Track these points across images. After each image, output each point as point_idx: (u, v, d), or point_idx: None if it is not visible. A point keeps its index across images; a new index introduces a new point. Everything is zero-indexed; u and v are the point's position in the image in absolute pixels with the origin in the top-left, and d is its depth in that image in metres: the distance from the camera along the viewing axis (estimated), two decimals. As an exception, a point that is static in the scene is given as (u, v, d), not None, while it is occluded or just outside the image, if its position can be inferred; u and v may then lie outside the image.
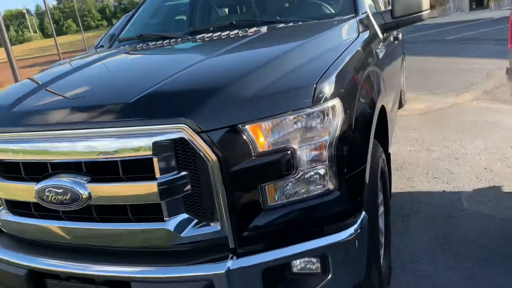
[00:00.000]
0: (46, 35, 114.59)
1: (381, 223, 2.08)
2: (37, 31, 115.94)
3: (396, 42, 3.25)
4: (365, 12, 2.36)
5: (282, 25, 2.29)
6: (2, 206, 1.69)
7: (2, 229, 1.71)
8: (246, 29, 2.25)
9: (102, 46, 7.84)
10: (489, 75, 6.73)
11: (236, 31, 2.24)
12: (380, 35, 2.41)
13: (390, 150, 2.57)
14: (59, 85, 1.77)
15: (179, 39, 2.38)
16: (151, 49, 2.30)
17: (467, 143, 3.90)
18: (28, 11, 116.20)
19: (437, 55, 9.98)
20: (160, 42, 2.41)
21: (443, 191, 3.05)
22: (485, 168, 3.32)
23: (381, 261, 1.90)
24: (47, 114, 1.51)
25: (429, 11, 2.46)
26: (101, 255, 1.49)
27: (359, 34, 2.04)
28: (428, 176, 3.31)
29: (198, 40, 2.29)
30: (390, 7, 2.43)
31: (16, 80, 10.10)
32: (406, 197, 3.01)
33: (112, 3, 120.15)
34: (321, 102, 1.37)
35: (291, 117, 1.35)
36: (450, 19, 20.44)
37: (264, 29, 2.22)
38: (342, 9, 2.41)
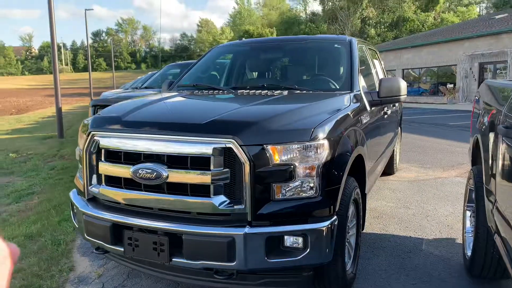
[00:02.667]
0: (76, 69, 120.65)
1: (352, 240, 2.89)
2: (69, 64, 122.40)
3: (385, 116, 4.19)
4: (358, 90, 3.32)
5: (298, 91, 3.26)
6: (97, 182, 2.56)
7: (97, 197, 2.57)
8: (273, 91, 3.22)
9: (136, 88, 9.10)
10: (476, 159, 7.60)
11: (266, 91, 3.21)
12: (368, 108, 3.34)
13: (367, 192, 3.40)
14: (151, 108, 2.72)
15: (226, 91, 3.38)
16: (207, 95, 3.28)
17: (440, 207, 4.70)
18: (64, 45, 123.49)
19: (436, 136, 10.96)
20: (212, 91, 3.40)
21: (410, 236, 3.82)
22: (447, 226, 4.10)
23: (348, 266, 2.70)
24: (146, 123, 2.43)
25: (405, 96, 3.41)
26: (162, 216, 2.33)
27: (350, 104, 2.97)
28: (400, 226, 4.10)
29: (239, 94, 3.27)
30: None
31: (58, 104, 11.27)
32: (378, 236, 3.79)
33: (144, 48, 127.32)
34: (315, 139, 2.26)
35: (296, 146, 2.23)
36: (457, 107, 21.77)
37: (285, 92, 3.19)
38: (342, 86, 3.38)
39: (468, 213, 3.39)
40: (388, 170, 6.17)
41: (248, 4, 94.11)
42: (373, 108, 3.50)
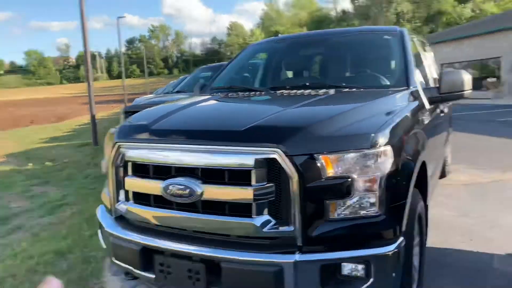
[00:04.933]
0: (111, 76, 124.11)
1: (416, 262, 2.46)
2: (104, 71, 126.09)
3: (442, 114, 3.72)
4: (416, 86, 2.89)
5: (346, 90, 2.87)
6: (124, 199, 2.28)
7: (125, 216, 2.28)
8: (317, 90, 2.84)
9: (168, 93, 8.94)
10: (537, 158, 6.89)
11: (309, 91, 2.84)
12: (427, 106, 2.91)
13: (429, 204, 2.96)
14: (182, 114, 2.41)
15: (263, 92, 3.02)
16: (243, 98, 2.94)
17: (505, 215, 4.15)
18: (99, 53, 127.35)
19: (487, 134, 10.17)
20: (248, 93, 3.06)
21: (477, 251, 3.33)
22: (519, 238, 3.57)
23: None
24: (177, 132, 2.12)
25: (471, 91, 2.95)
26: (197, 239, 2.01)
27: (408, 103, 2.56)
28: (463, 237, 3.61)
29: (278, 94, 2.91)
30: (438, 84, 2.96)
31: (92, 111, 11.34)
32: (440, 251, 3.32)
33: (175, 53, 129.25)
34: (376, 146, 1.87)
35: (353, 154, 1.85)
36: (503, 102, 20.47)
37: (332, 91, 2.80)
38: (397, 82, 2.95)
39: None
40: (440, 173, 5.65)
41: (276, 5, 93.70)
42: (431, 106, 3.06)
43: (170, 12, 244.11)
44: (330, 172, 1.84)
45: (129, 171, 2.20)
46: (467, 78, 2.91)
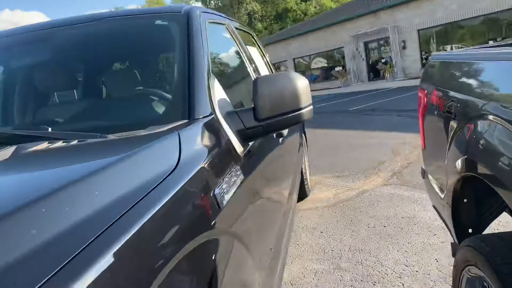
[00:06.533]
0: None
1: None
2: None
3: (280, 140, 2.40)
4: (211, 114, 1.43)
5: (43, 146, 1.24)
6: None
7: None
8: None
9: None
10: (395, 152, 6.35)
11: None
12: (239, 149, 1.48)
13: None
14: None
15: None
16: None
17: (384, 255, 3.08)
18: None
19: (342, 128, 9.78)
20: None
21: None
22: (415, 300, 2.46)
23: None
24: None
25: (311, 108, 1.62)
26: None
27: (177, 165, 1.06)
28: (339, 322, 2.35)
29: None
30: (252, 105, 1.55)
31: None
32: None
33: None
34: None
35: None
36: (351, 89, 21.60)
37: (10, 150, 1.16)
38: (168, 110, 1.46)
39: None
40: (300, 194, 4.51)
41: None
42: (248, 147, 1.64)
43: None
44: None
45: None
46: (302, 84, 1.58)
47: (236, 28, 2.77)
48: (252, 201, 1.50)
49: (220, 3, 56.95)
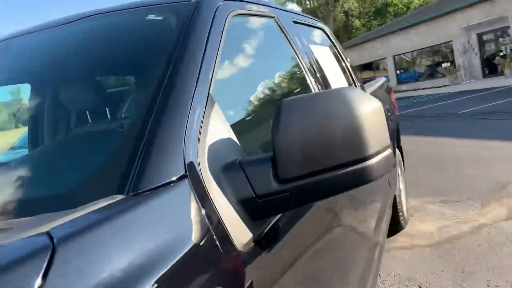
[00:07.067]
0: None
1: None
2: None
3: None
4: (181, 178, 0.77)
5: None
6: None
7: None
8: None
9: None
10: (523, 170, 4.99)
11: None
12: (242, 237, 0.79)
13: None
14: None
15: None
16: None
17: None
18: None
19: (449, 135, 8.30)
20: None
21: None
22: None
23: None
24: None
25: (386, 155, 0.86)
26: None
27: None
28: None
29: None
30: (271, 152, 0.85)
31: None
32: None
33: None
34: None
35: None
36: (462, 88, 19.09)
37: None
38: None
39: None
40: (393, 226, 3.63)
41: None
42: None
43: None
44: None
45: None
46: (367, 113, 0.83)
47: (296, 22, 2.05)
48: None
49: (316, 3, 55.97)
